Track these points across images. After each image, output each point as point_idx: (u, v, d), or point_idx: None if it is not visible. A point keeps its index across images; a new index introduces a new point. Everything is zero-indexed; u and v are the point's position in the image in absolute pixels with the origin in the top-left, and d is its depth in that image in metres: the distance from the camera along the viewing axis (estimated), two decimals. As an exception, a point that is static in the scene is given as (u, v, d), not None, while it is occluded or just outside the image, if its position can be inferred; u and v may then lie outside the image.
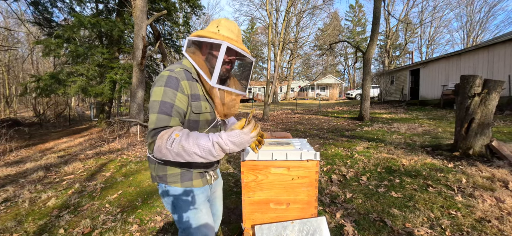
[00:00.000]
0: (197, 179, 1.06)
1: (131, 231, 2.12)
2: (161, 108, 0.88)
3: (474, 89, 3.49)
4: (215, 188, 1.25)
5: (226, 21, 1.05)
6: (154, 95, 0.91)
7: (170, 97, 0.90)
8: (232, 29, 1.03)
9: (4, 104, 16.42)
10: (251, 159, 1.26)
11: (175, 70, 0.95)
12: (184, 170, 1.04)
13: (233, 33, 1.03)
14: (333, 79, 35.03)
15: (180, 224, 1.05)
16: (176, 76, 0.93)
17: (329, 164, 3.69)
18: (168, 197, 1.05)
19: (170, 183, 1.02)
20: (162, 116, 0.88)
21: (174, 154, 0.82)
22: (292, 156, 1.23)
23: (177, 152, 0.81)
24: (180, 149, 0.81)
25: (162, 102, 0.89)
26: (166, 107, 0.89)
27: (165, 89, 0.90)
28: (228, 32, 1.02)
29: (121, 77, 8.87)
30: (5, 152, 5.95)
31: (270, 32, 12.48)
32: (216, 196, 1.27)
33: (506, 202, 2.19)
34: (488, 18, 27.30)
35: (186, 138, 0.82)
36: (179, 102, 0.92)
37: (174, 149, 0.81)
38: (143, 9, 6.92)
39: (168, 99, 0.90)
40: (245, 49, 1.02)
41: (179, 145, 0.81)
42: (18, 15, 11.53)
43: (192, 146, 0.80)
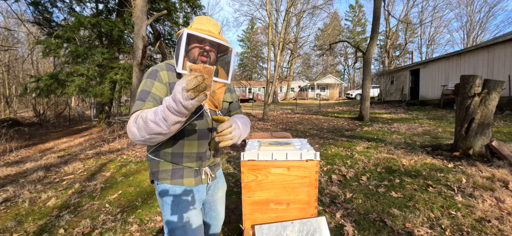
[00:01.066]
0: (189, 177, 1.05)
1: (131, 231, 2.12)
2: (140, 95, 0.95)
3: (474, 89, 3.49)
4: (214, 190, 1.21)
5: (198, 17, 1.08)
6: (140, 85, 0.99)
7: (148, 86, 0.96)
8: (202, 22, 1.05)
9: (4, 104, 16.42)
10: (251, 159, 1.26)
11: (158, 64, 1.03)
12: (175, 167, 1.04)
13: (203, 25, 1.04)
14: (333, 79, 35.03)
15: (166, 224, 1.03)
16: (156, 68, 1.01)
17: (329, 164, 3.69)
18: (159, 194, 1.05)
19: (161, 179, 1.03)
20: (138, 102, 0.94)
21: (141, 128, 0.80)
22: (292, 156, 1.23)
23: (141, 125, 0.81)
24: (143, 121, 0.80)
25: (141, 91, 0.96)
26: (143, 94, 0.95)
27: (145, 81, 0.98)
28: (197, 25, 1.05)
29: (121, 77, 8.87)
30: (5, 152, 5.95)
31: (270, 32, 12.48)
32: (217, 199, 1.23)
33: (506, 202, 2.19)
34: (488, 18, 27.31)
35: (146, 111, 0.83)
36: (155, 89, 0.96)
37: (139, 122, 0.81)
38: (143, 9, 6.92)
39: (146, 88, 0.96)
40: (215, 36, 1.01)
41: (141, 118, 0.81)
42: (18, 15, 11.53)
43: (152, 115, 0.78)
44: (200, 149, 1.07)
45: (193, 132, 1.04)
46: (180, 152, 1.03)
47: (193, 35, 0.98)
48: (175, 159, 1.03)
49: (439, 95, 11.70)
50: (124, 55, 11.61)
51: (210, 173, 1.13)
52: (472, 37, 27.84)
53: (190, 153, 1.05)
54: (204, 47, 1.02)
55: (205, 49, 1.02)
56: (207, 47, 1.02)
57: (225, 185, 1.31)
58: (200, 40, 1.02)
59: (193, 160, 1.06)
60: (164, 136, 0.82)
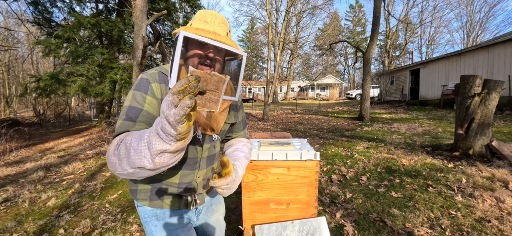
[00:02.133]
0: (169, 200, 0.87)
1: (131, 231, 2.12)
2: (128, 113, 0.75)
3: (474, 89, 3.49)
4: (207, 214, 1.02)
5: (200, 12, 0.83)
6: (126, 100, 0.79)
7: (138, 101, 0.76)
8: (205, 20, 0.80)
9: (4, 104, 16.43)
10: (251, 159, 1.26)
11: (149, 72, 0.81)
12: (155, 187, 0.85)
13: (206, 24, 0.79)
14: (333, 79, 35.03)
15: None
16: (147, 77, 0.79)
17: (329, 164, 3.69)
18: (140, 219, 0.91)
19: (140, 200, 0.86)
20: (126, 123, 0.73)
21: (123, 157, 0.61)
22: (292, 156, 1.24)
23: (119, 155, 0.62)
24: (125, 149, 0.61)
25: (129, 108, 0.75)
26: (132, 112, 0.74)
27: (134, 93, 0.77)
28: (199, 23, 0.80)
29: (121, 77, 8.87)
30: (5, 152, 5.95)
31: (270, 32, 12.48)
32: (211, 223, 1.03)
33: (506, 202, 2.19)
34: (488, 18, 27.33)
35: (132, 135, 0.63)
36: (148, 106, 0.76)
37: (121, 150, 0.62)
38: (143, 9, 6.92)
39: (136, 104, 0.76)
40: (223, 40, 0.76)
41: (124, 143, 0.62)
42: (18, 15, 11.53)
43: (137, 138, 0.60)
44: (183, 179, 0.86)
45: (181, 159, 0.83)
46: (158, 178, 0.84)
47: (192, 38, 0.71)
48: (153, 183, 0.85)
49: (439, 95, 11.70)
50: (124, 55, 11.62)
51: (196, 198, 0.91)
52: (472, 37, 27.85)
53: (170, 182, 0.85)
54: (207, 54, 0.78)
55: (208, 56, 0.78)
56: (210, 54, 0.78)
57: (222, 207, 1.10)
58: (202, 44, 0.77)
59: (173, 189, 0.86)
60: (149, 172, 0.61)
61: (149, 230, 0.88)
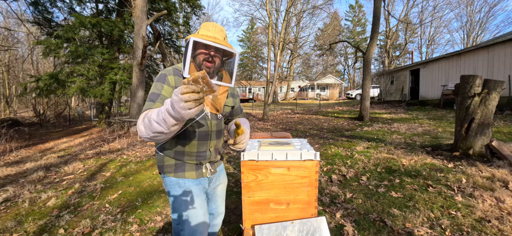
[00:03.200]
0: (190, 170, 1.14)
1: (131, 231, 2.12)
2: (150, 97, 1.04)
3: (474, 89, 3.49)
4: (215, 184, 1.28)
5: (205, 23, 1.14)
6: (151, 88, 1.08)
7: (158, 88, 1.06)
8: (208, 28, 1.11)
9: (4, 104, 16.43)
10: (251, 159, 1.26)
11: (167, 69, 1.12)
12: (178, 162, 1.13)
13: (209, 31, 1.10)
14: (333, 79, 35.03)
15: (173, 215, 1.13)
16: (165, 72, 1.10)
17: (329, 164, 3.69)
18: (165, 186, 1.16)
19: (166, 173, 1.14)
20: (148, 103, 1.03)
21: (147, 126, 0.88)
22: (292, 156, 1.23)
23: (147, 124, 0.88)
24: (147, 120, 0.88)
25: (152, 93, 1.05)
26: (153, 96, 1.04)
27: (155, 84, 1.08)
28: (203, 31, 1.11)
29: (121, 78, 8.88)
30: (5, 152, 5.95)
31: (270, 32, 12.48)
32: (217, 193, 1.30)
33: (506, 202, 2.19)
34: (488, 18, 27.32)
35: (152, 111, 0.90)
36: (165, 92, 1.05)
37: (145, 121, 0.89)
38: (143, 9, 6.92)
39: (156, 90, 1.05)
40: (221, 42, 1.06)
41: (148, 117, 0.89)
42: (18, 15, 11.53)
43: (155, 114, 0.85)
44: (200, 148, 1.15)
45: (193, 133, 1.12)
46: (181, 151, 1.12)
47: (199, 42, 1.04)
48: (177, 156, 1.13)
49: (439, 95, 11.70)
50: (124, 55, 11.63)
51: (210, 168, 1.21)
52: (472, 37, 27.85)
53: (190, 152, 1.13)
54: (209, 53, 1.08)
55: (210, 55, 1.08)
56: (212, 53, 1.08)
57: (226, 179, 1.38)
58: (205, 46, 1.08)
59: (193, 158, 1.14)
60: (166, 135, 0.88)
61: (173, 194, 1.13)
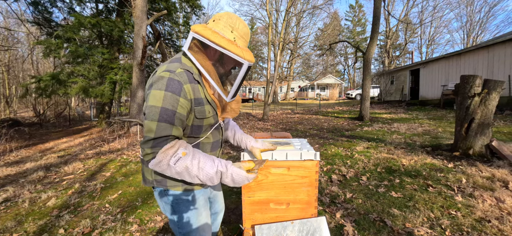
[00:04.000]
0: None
1: (131, 231, 2.12)
2: (162, 115, 0.80)
3: (474, 89, 3.49)
4: (215, 187, 1.25)
5: (243, 26, 0.93)
6: (152, 99, 0.81)
7: (172, 104, 0.81)
8: (246, 38, 0.95)
9: (4, 104, 16.43)
10: (251, 160, 1.26)
11: (176, 71, 0.85)
12: None
13: (246, 43, 0.95)
14: (333, 79, 35.03)
15: (181, 228, 1.01)
16: (178, 79, 0.83)
17: (329, 164, 3.69)
18: (167, 200, 1.00)
19: (170, 187, 0.97)
20: (163, 125, 0.80)
21: (174, 172, 0.80)
22: (292, 156, 1.23)
23: (179, 172, 0.80)
24: (183, 170, 0.80)
25: (163, 109, 0.80)
26: (167, 114, 0.80)
27: (165, 94, 0.80)
28: (243, 43, 0.94)
29: (121, 78, 8.88)
30: (5, 152, 5.95)
31: (270, 32, 12.48)
32: (217, 192, 1.27)
33: (506, 202, 2.19)
34: (488, 18, 27.35)
35: (191, 160, 0.81)
36: (181, 108, 0.84)
37: (177, 168, 0.79)
38: (143, 9, 6.92)
39: (170, 106, 0.81)
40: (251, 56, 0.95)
41: (183, 165, 0.80)
42: (18, 15, 11.54)
43: (196, 170, 0.81)
44: None
45: (208, 144, 1.02)
46: None
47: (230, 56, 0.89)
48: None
49: (439, 95, 11.71)
50: (124, 55, 11.62)
51: None
52: (472, 37, 27.86)
53: None
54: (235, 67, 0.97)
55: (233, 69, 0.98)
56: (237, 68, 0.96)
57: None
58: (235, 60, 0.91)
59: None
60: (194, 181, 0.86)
61: (179, 210, 0.99)
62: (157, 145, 0.80)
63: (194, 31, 0.88)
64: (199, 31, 0.88)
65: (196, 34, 0.88)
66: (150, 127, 0.80)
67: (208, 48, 0.91)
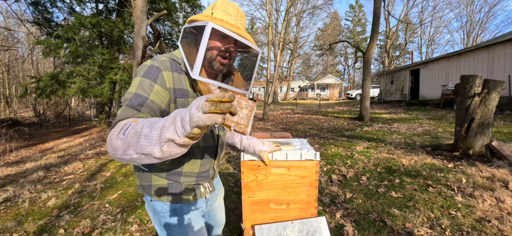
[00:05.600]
0: (187, 194, 0.90)
1: (131, 231, 2.12)
2: (132, 100, 0.72)
3: (474, 89, 3.49)
4: (213, 200, 1.11)
5: (222, 3, 0.83)
6: (131, 86, 0.75)
7: (145, 90, 0.73)
8: (228, 11, 0.82)
9: (4, 104, 16.43)
10: (251, 159, 1.26)
11: (159, 59, 0.79)
12: (172, 182, 0.86)
13: (230, 16, 0.82)
14: (333, 79, 35.03)
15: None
16: (158, 65, 0.77)
17: (329, 164, 3.69)
18: (154, 213, 0.89)
19: (156, 196, 0.86)
20: (129, 110, 0.71)
21: (122, 141, 0.59)
22: (292, 156, 1.23)
23: (126, 139, 0.59)
24: (131, 131, 0.59)
25: (135, 95, 0.73)
26: (137, 100, 0.72)
27: (141, 80, 0.74)
28: (222, 15, 0.81)
29: (121, 78, 8.87)
30: (5, 152, 5.95)
31: (270, 32, 12.48)
32: (215, 207, 1.14)
33: (506, 202, 2.19)
34: (488, 18, 27.36)
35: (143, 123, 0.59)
36: (155, 95, 0.74)
37: (127, 134, 0.59)
38: (143, 9, 6.92)
39: (142, 92, 0.73)
40: (246, 35, 0.81)
41: (132, 128, 0.59)
42: (18, 15, 11.53)
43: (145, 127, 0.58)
44: (203, 168, 0.92)
45: (198, 150, 0.88)
46: (178, 171, 0.86)
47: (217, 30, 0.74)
48: (171, 176, 0.86)
49: (439, 95, 11.70)
50: (124, 55, 11.62)
51: (208, 186, 0.98)
52: (472, 37, 27.86)
53: (190, 172, 0.89)
54: (228, 48, 0.81)
55: (229, 50, 0.81)
56: (232, 48, 0.82)
57: (222, 190, 1.21)
58: (223, 36, 0.80)
59: (192, 179, 0.90)
60: (154, 159, 0.58)
61: (166, 224, 0.87)
62: (114, 125, 0.67)
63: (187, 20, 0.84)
64: (192, 18, 0.82)
65: (189, 24, 0.82)
66: (120, 111, 0.71)
67: (191, 34, 0.82)
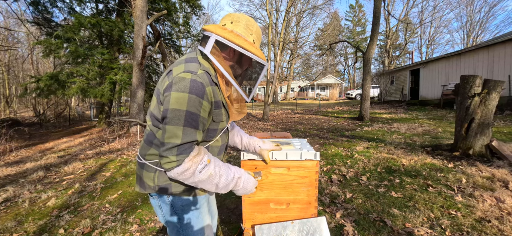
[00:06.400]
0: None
1: (131, 231, 2.12)
2: (187, 119, 0.76)
3: (474, 89, 3.49)
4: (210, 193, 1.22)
5: (257, 27, 0.96)
6: (175, 102, 0.76)
7: (196, 107, 0.77)
8: (260, 39, 0.99)
9: (4, 104, 16.43)
10: (251, 159, 1.26)
11: (197, 72, 0.81)
12: None
13: (260, 42, 0.99)
14: (333, 79, 35.03)
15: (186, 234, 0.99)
16: (201, 81, 0.79)
17: (329, 164, 3.69)
18: (172, 209, 0.96)
19: (175, 193, 0.93)
20: (189, 130, 0.77)
21: (197, 180, 0.81)
22: (292, 156, 1.23)
23: (201, 180, 0.81)
24: (207, 177, 0.81)
25: (188, 113, 0.76)
26: (192, 118, 0.77)
27: (190, 97, 0.76)
28: (258, 43, 0.98)
29: (121, 78, 8.87)
30: (5, 152, 5.95)
31: (270, 32, 12.48)
32: (212, 200, 1.25)
33: (506, 202, 2.19)
34: (488, 18, 27.37)
35: (214, 167, 0.83)
36: (204, 112, 0.81)
37: (202, 176, 0.80)
38: (143, 9, 6.92)
39: (194, 109, 0.77)
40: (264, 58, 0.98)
41: (208, 173, 0.81)
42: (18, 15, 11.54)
43: (218, 178, 0.84)
44: None
45: (216, 148, 1.00)
46: None
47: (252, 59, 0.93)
48: None
49: (439, 95, 11.70)
50: (124, 55, 11.63)
51: None
52: (472, 37, 27.87)
53: None
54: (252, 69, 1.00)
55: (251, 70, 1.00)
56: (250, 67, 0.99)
57: None
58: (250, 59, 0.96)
59: None
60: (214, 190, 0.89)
61: (186, 217, 0.96)
62: (183, 152, 0.77)
63: (216, 33, 0.86)
64: (222, 34, 0.86)
65: (219, 37, 0.85)
66: (175, 132, 0.76)
67: (227, 50, 0.91)
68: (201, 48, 0.89)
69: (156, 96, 0.87)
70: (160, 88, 0.84)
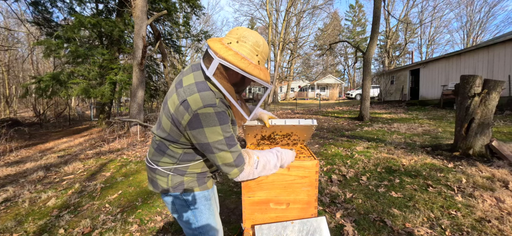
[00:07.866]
0: (209, 181, 1.12)
1: (131, 231, 2.12)
2: (229, 143, 0.91)
3: (474, 89, 3.49)
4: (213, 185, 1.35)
5: (265, 46, 0.96)
6: (212, 136, 0.88)
7: (227, 130, 0.91)
8: (266, 57, 0.99)
9: (4, 104, 16.44)
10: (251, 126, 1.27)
11: (216, 104, 0.88)
12: (202, 173, 1.08)
13: (260, 55, 0.96)
14: (333, 79, 35.03)
15: (200, 228, 1.07)
16: (222, 109, 0.90)
17: (329, 164, 3.69)
18: (185, 204, 1.05)
19: (188, 188, 1.04)
20: (234, 148, 0.93)
21: (256, 174, 1.00)
22: (290, 122, 1.26)
23: (260, 172, 1.00)
24: (261, 169, 1.00)
25: (226, 138, 0.90)
26: (230, 139, 0.92)
27: (222, 127, 0.89)
28: (264, 62, 1.00)
29: (121, 78, 8.87)
30: (5, 152, 5.96)
31: (270, 32, 12.48)
32: (215, 192, 1.36)
33: (506, 202, 2.19)
34: (488, 18, 27.36)
35: (262, 158, 1.02)
36: (232, 129, 0.97)
37: (258, 170, 0.99)
38: (143, 9, 6.92)
39: (228, 134, 0.91)
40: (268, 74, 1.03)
41: (261, 166, 1.00)
42: (18, 15, 11.54)
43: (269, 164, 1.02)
44: None
45: None
46: (206, 170, 1.09)
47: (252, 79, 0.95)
48: (200, 173, 1.08)
49: (439, 95, 11.70)
50: (124, 55, 11.63)
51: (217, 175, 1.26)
52: (472, 37, 27.86)
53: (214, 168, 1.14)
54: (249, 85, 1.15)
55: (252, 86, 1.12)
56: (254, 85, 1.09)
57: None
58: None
59: (213, 168, 1.14)
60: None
61: (198, 209, 1.06)
62: (239, 163, 0.95)
63: (220, 55, 0.86)
64: (226, 57, 0.85)
65: (223, 61, 0.86)
66: (226, 156, 0.92)
67: (230, 70, 0.91)
68: (205, 69, 0.90)
69: (169, 118, 0.92)
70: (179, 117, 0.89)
